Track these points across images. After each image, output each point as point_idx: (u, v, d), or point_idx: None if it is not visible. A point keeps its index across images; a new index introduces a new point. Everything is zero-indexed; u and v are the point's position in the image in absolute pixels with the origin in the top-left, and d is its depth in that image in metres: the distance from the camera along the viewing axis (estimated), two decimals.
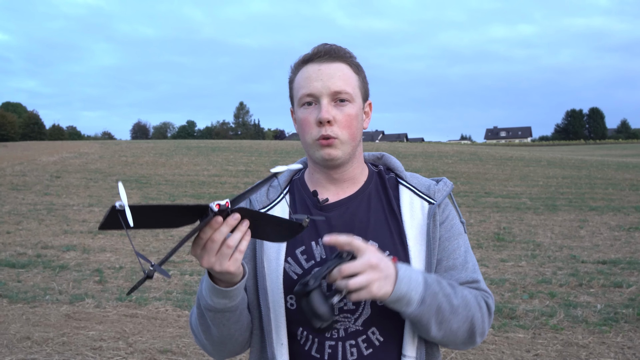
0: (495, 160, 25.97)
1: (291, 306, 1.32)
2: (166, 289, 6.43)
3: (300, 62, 1.34)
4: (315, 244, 1.33)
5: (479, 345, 4.65)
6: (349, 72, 1.32)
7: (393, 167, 1.45)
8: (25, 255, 8.18)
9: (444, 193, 1.37)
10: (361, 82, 1.35)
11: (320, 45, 1.34)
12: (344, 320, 1.29)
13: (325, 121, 1.27)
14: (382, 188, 1.41)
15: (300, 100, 1.32)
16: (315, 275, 1.15)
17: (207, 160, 24.41)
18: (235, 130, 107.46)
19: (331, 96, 1.29)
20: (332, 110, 1.28)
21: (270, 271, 1.31)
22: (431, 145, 40.33)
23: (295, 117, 1.37)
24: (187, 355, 4.47)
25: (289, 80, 1.38)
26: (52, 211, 12.35)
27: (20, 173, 19.02)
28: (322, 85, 1.29)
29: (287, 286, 1.30)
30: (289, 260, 1.32)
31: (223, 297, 1.19)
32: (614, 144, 71.78)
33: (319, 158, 1.32)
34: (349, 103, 1.31)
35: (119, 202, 0.91)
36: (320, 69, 1.30)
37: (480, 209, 13.31)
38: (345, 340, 1.28)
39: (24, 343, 4.68)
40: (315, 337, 1.30)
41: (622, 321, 5.19)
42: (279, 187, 1.43)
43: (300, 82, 1.32)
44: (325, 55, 1.31)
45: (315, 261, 1.31)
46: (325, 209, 1.36)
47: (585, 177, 20.59)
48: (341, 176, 1.37)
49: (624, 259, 7.90)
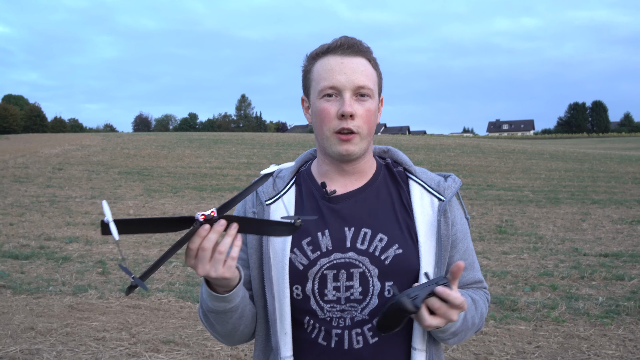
0: (497, 153, 25.93)
1: (297, 296, 1.32)
2: (169, 281, 6.45)
3: (320, 53, 1.33)
4: (321, 235, 1.32)
5: (481, 337, 4.66)
6: (369, 68, 1.33)
7: (401, 161, 1.45)
8: (29, 246, 8.21)
9: (453, 190, 1.38)
10: (378, 77, 1.37)
11: (343, 38, 1.33)
12: (351, 309, 1.30)
13: (348, 115, 1.27)
14: (391, 181, 1.41)
15: (321, 92, 1.31)
16: (419, 297, 1.17)
17: (209, 152, 24.41)
18: (237, 122, 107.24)
19: (354, 90, 1.29)
20: (354, 105, 1.29)
21: (277, 261, 1.32)
22: (433, 138, 40.27)
23: (312, 107, 1.36)
24: (189, 346, 4.50)
25: (305, 70, 1.37)
26: (55, 203, 12.39)
27: (23, 165, 19.06)
28: (346, 79, 1.28)
29: (293, 276, 1.31)
30: (295, 251, 1.32)
31: (222, 300, 1.22)
32: (617, 137, 71.53)
33: (335, 152, 1.32)
34: (370, 98, 1.31)
35: (105, 218, 0.99)
36: (344, 62, 1.30)
37: (483, 202, 13.31)
38: (352, 329, 1.30)
39: (28, 333, 4.71)
40: (322, 326, 1.31)
41: (623, 314, 5.19)
42: (286, 177, 1.42)
43: (322, 74, 1.31)
44: (348, 48, 1.31)
45: (321, 252, 1.31)
46: (334, 200, 1.36)
47: (588, 170, 20.56)
48: (352, 169, 1.38)
49: (626, 251, 7.90)
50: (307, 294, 1.32)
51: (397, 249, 1.31)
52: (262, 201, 1.39)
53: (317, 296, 1.31)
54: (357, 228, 1.33)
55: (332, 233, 1.32)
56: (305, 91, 1.39)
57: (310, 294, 1.31)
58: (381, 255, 1.30)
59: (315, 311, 1.31)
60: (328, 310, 1.31)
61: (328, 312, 1.31)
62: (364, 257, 1.31)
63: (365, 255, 1.31)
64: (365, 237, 1.32)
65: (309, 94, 1.37)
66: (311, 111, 1.37)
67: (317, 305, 1.31)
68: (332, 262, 1.31)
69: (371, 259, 1.30)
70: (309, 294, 1.31)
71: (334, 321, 1.31)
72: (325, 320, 1.31)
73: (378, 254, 1.31)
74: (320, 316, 1.31)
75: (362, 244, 1.31)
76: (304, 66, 1.38)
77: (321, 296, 1.31)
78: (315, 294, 1.31)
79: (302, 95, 1.41)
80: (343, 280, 1.30)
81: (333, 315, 1.31)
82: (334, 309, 1.31)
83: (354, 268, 1.30)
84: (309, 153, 1.49)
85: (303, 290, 1.32)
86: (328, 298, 1.31)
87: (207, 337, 4.67)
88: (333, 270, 1.30)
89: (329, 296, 1.31)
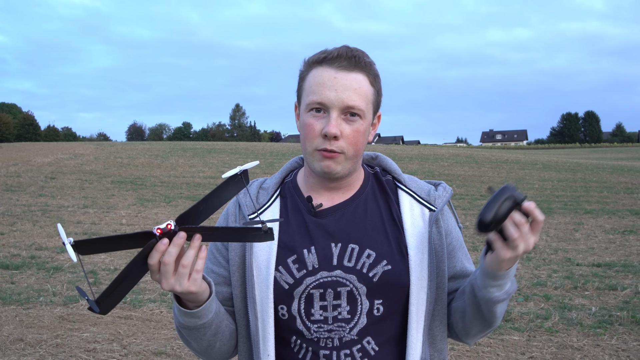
0: (491, 163, 26.03)
1: (282, 316, 1.28)
2: (161, 291, 6.40)
3: (317, 61, 1.25)
4: (307, 252, 1.28)
5: (474, 348, 4.65)
6: (366, 85, 1.24)
7: (389, 169, 1.40)
8: (19, 256, 8.13)
9: (444, 199, 1.34)
10: (376, 94, 1.28)
11: (343, 48, 1.24)
12: (339, 329, 1.26)
13: (332, 136, 1.21)
14: (379, 192, 1.36)
15: (308, 105, 1.25)
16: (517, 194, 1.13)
17: (202, 162, 24.36)
18: (231, 132, 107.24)
19: (342, 109, 1.22)
20: (340, 125, 1.22)
21: (260, 280, 1.27)
22: (427, 148, 40.40)
23: (300, 118, 1.31)
24: (181, 357, 4.45)
25: (300, 74, 1.30)
26: (47, 212, 12.30)
27: (15, 174, 18.94)
28: (335, 97, 1.21)
29: (278, 295, 1.26)
30: (280, 269, 1.27)
31: (192, 317, 1.17)
32: (609, 148, 72.07)
33: (317, 169, 1.26)
34: (359, 119, 1.24)
35: (68, 240, 0.98)
36: (337, 77, 1.22)
37: (476, 212, 13.33)
38: (340, 350, 1.25)
39: (17, 345, 4.65)
40: (309, 346, 1.27)
41: (616, 324, 5.20)
42: (270, 187, 1.37)
43: (312, 86, 1.24)
44: (345, 61, 1.22)
45: (307, 270, 1.26)
46: (320, 214, 1.31)
47: (581, 180, 20.66)
48: (337, 185, 1.33)
49: (618, 261, 7.92)
50: (292, 314, 1.27)
51: (385, 265, 1.26)
52: (245, 215, 1.33)
53: (304, 316, 1.26)
54: (343, 244, 1.28)
55: (318, 250, 1.27)
56: (297, 97, 1.33)
57: (296, 314, 1.26)
58: (369, 272, 1.26)
59: (302, 331, 1.27)
60: (315, 330, 1.26)
61: (315, 333, 1.26)
62: (352, 274, 1.26)
63: (352, 272, 1.26)
64: (353, 253, 1.27)
65: (300, 102, 1.31)
66: (299, 122, 1.32)
67: (303, 326, 1.27)
68: (318, 281, 1.26)
69: (359, 277, 1.26)
70: (294, 314, 1.26)
71: (321, 342, 1.26)
72: (313, 341, 1.26)
73: (366, 271, 1.26)
74: (307, 336, 1.26)
75: (349, 261, 1.27)
76: (300, 70, 1.31)
77: (307, 316, 1.26)
78: (302, 314, 1.26)
79: (295, 101, 1.36)
80: (330, 300, 1.26)
81: (320, 336, 1.26)
82: (321, 329, 1.26)
83: (341, 287, 1.26)
84: (295, 161, 1.44)
85: (289, 310, 1.27)
86: (315, 318, 1.26)
87: None
88: (320, 290, 1.26)
89: (315, 316, 1.26)
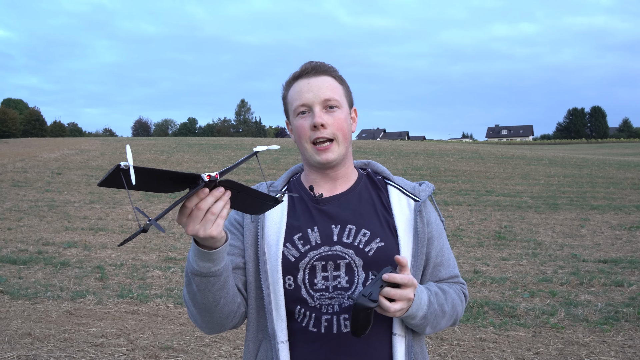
0: (496, 159, 25.95)
1: (289, 286, 1.45)
2: (167, 286, 6.44)
3: (291, 80, 1.53)
4: (310, 231, 1.48)
5: (480, 344, 4.65)
6: (334, 83, 1.51)
7: (380, 171, 1.63)
8: (27, 251, 8.19)
9: (427, 193, 1.57)
10: (346, 91, 1.54)
11: (307, 63, 1.52)
12: (338, 297, 1.43)
13: (319, 124, 1.45)
14: (372, 186, 1.59)
15: (295, 111, 1.50)
16: (373, 292, 1.29)
17: (208, 157, 24.41)
18: (237, 127, 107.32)
19: (322, 104, 1.47)
20: (324, 116, 1.46)
21: (271, 255, 1.46)
22: (433, 144, 40.30)
23: (292, 127, 1.54)
24: (188, 352, 4.48)
25: (282, 97, 1.57)
26: (53, 208, 12.37)
27: (22, 169, 19.04)
28: (313, 96, 1.47)
29: (285, 268, 1.45)
30: (287, 245, 1.47)
31: (207, 260, 1.28)
32: (616, 143, 71.67)
33: (316, 162, 1.49)
34: (338, 109, 1.49)
35: (124, 162, 0.97)
36: (310, 82, 1.49)
37: (482, 208, 13.31)
38: (340, 314, 1.43)
39: (25, 339, 4.69)
40: (312, 313, 1.44)
41: (622, 320, 5.19)
42: (278, 186, 1.59)
43: (294, 96, 1.50)
44: (312, 70, 1.50)
45: (310, 245, 1.46)
46: (321, 202, 1.52)
47: (587, 176, 20.57)
48: (336, 174, 1.54)
49: (625, 258, 7.90)
50: (298, 284, 1.45)
51: (379, 242, 1.46)
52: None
53: (308, 285, 1.44)
54: (342, 225, 1.48)
55: (320, 229, 1.48)
56: (286, 115, 1.58)
57: (301, 284, 1.45)
58: (365, 247, 1.45)
59: (306, 299, 1.44)
60: (318, 298, 1.44)
61: (318, 300, 1.44)
62: (350, 249, 1.45)
63: (350, 248, 1.45)
64: (350, 232, 1.47)
65: (289, 116, 1.56)
66: (292, 130, 1.55)
67: (307, 294, 1.44)
68: (320, 254, 1.45)
69: (356, 251, 1.45)
70: (300, 284, 1.45)
71: (323, 308, 1.43)
72: (315, 308, 1.44)
73: (362, 246, 1.45)
74: (311, 304, 1.44)
75: (347, 238, 1.47)
76: (282, 94, 1.57)
77: (311, 285, 1.44)
78: (306, 284, 1.44)
79: (286, 120, 1.60)
80: (331, 271, 1.45)
81: (322, 303, 1.44)
82: (323, 296, 1.44)
83: (341, 259, 1.45)
84: (297, 167, 1.66)
85: (295, 281, 1.45)
86: (317, 287, 1.44)
87: (205, 344, 4.66)
88: (322, 262, 1.45)
89: (318, 285, 1.44)
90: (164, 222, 9.56)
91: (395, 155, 26.41)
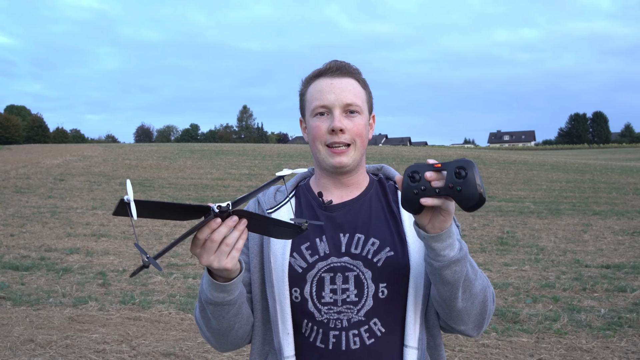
0: (498, 164, 25.94)
1: (295, 299, 1.39)
2: (169, 292, 6.44)
3: (313, 77, 1.46)
4: (319, 241, 1.41)
5: (483, 350, 4.64)
6: (358, 87, 1.44)
7: (392, 176, 1.56)
8: (29, 258, 8.20)
9: None
10: (368, 96, 1.48)
11: (332, 62, 1.45)
12: (347, 311, 1.36)
13: (338, 130, 1.38)
14: (382, 193, 1.52)
15: (313, 111, 1.43)
16: None
17: (210, 163, 24.45)
18: (239, 133, 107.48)
19: (343, 107, 1.40)
20: (344, 121, 1.39)
21: (277, 265, 1.39)
22: (434, 149, 40.32)
23: (307, 126, 1.48)
24: (190, 358, 4.47)
25: (300, 93, 1.49)
26: (56, 214, 12.39)
27: (24, 176, 19.09)
28: (334, 98, 1.40)
29: (292, 279, 1.38)
30: (294, 255, 1.40)
31: (221, 291, 1.25)
32: (618, 148, 71.56)
33: (329, 165, 1.42)
34: (358, 114, 1.42)
35: (126, 196, 0.99)
36: (333, 83, 1.41)
37: (484, 213, 13.29)
38: (349, 330, 1.35)
39: (28, 345, 4.69)
40: (319, 328, 1.37)
41: (626, 326, 5.17)
42: (286, 190, 1.54)
43: (314, 95, 1.43)
44: (337, 70, 1.43)
45: (319, 255, 1.39)
46: (330, 209, 1.46)
47: (589, 181, 20.54)
48: (347, 181, 1.48)
49: (627, 263, 7.88)
50: (305, 297, 1.38)
51: (388, 251, 1.39)
52: (264, 210, 1.48)
53: (315, 298, 1.38)
54: (351, 234, 1.42)
55: (329, 239, 1.41)
56: (302, 112, 1.52)
57: (308, 297, 1.38)
58: (374, 258, 1.39)
59: (313, 313, 1.37)
60: (325, 312, 1.37)
61: (325, 314, 1.37)
62: (358, 260, 1.39)
63: (358, 259, 1.39)
64: (359, 241, 1.41)
65: (304, 114, 1.49)
66: (307, 130, 1.49)
67: (314, 308, 1.37)
68: (329, 265, 1.39)
69: (364, 262, 1.38)
70: (306, 297, 1.38)
71: (331, 323, 1.36)
72: (323, 322, 1.37)
73: (371, 257, 1.39)
74: (318, 318, 1.37)
75: (355, 248, 1.40)
76: (300, 90, 1.50)
77: (319, 298, 1.37)
78: (313, 297, 1.38)
79: (300, 117, 1.54)
80: (339, 283, 1.38)
81: (330, 317, 1.37)
82: (331, 310, 1.36)
83: (349, 272, 1.38)
84: (307, 171, 1.59)
85: (301, 293, 1.38)
86: (325, 300, 1.37)
87: (207, 350, 4.65)
88: (330, 273, 1.38)
89: (326, 298, 1.37)
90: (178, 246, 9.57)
91: (397, 161, 26.42)
